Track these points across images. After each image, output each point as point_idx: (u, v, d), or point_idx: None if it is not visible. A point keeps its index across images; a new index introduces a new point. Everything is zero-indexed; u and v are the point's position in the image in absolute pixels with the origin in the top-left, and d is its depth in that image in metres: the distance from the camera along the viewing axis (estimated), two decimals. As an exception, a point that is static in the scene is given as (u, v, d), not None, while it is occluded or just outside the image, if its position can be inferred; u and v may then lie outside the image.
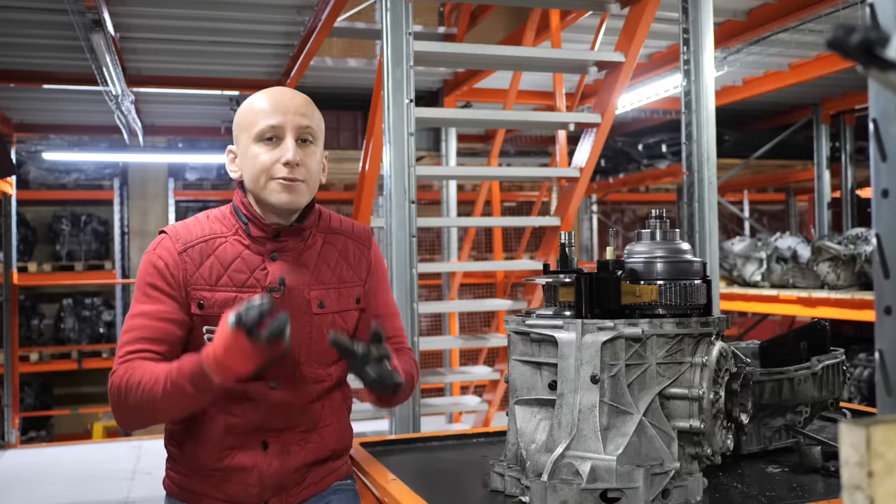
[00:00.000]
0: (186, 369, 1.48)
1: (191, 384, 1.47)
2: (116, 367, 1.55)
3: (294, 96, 1.66)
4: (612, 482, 1.40)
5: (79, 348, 8.92)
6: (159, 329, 1.57)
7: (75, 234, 9.35)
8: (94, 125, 7.35)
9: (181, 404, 1.52)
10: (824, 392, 1.88)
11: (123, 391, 1.52)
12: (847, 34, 0.57)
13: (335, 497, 1.70)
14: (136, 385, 1.51)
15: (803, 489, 1.55)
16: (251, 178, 1.63)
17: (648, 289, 1.53)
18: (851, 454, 0.65)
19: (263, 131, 1.61)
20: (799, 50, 5.30)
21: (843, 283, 4.82)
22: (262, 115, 1.62)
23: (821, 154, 6.82)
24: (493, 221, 5.20)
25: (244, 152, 1.65)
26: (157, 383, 1.49)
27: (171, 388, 1.48)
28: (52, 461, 5.82)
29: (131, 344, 1.56)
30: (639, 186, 9.70)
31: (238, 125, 1.67)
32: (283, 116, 1.62)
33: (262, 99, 1.66)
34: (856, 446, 0.64)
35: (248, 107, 1.67)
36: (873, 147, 0.90)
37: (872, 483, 0.63)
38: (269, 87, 1.72)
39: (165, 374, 1.49)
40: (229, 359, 1.44)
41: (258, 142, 1.62)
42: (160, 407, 1.51)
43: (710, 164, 3.06)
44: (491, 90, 6.18)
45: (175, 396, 1.49)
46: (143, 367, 1.53)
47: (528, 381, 1.56)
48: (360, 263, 1.74)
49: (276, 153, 1.61)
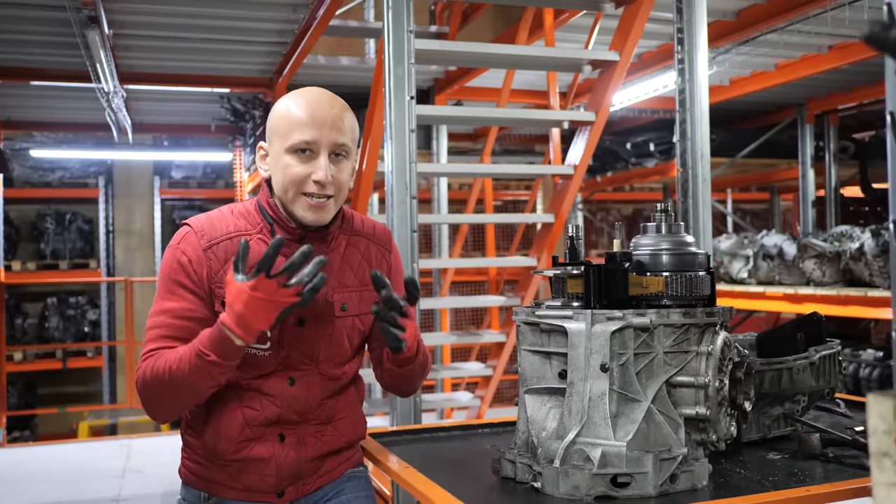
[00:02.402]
0: (206, 338, 1.49)
1: (214, 352, 1.47)
2: (141, 364, 1.56)
3: (332, 106, 1.62)
4: (622, 467, 1.44)
5: (63, 347, 8.86)
6: (183, 328, 1.57)
7: (60, 232, 9.28)
8: (80, 122, 7.30)
9: (209, 376, 1.50)
10: (821, 381, 1.93)
11: (150, 379, 1.53)
12: (885, 29, 0.60)
13: (349, 485, 1.73)
14: (163, 370, 1.51)
15: (804, 474, 1.59)
16: (280, 187, 1.61)
17: (655, 280, 1.57)
18: (879, 423, 0.68)
19: (297, 145, 1.58)
20: (786, 50, 5.39)
21: (828, 280, 4.91)
22: (297, 126, 1.58)
23: (805, 153, 6.93)
24: (490, 218, 5.25)
25: (276, 158, 1.62)
26: (182, 360, 1.49)
27: (197, 360, 1.48)
28: (40, 460, 5.78)
29: (155, 342, 1.57)
30: (624, 185, 9.79)
31: (272, 128, 1.63)
32: (319, 132, 1.58)
33: (299, 107, 1.60)
34: (883, 416, 0.68)
35: (284, 112, 1.62)
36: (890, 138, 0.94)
37: (900, 450, 0.66)
38: (306, 89, 1.65)
39: (188, 350, 1.50)
40: (251, 313, 1.43)
41: (291, 153, 1.59)
42: (189, 383, 1.51)
43: (704, 161, 3.12)
44: (482, 89, 6.22)
45: (202, 369, 1.49)
46: (166, 353, 1.54)
47: (538, 370, 1.60)
48: (381, 266, 1.75)
49: (308, 167, 1.59)
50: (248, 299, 1.43)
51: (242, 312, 1.44)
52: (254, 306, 1.43)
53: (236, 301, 1.44)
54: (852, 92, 6.60)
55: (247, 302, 1.43)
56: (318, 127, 1.58)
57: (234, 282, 1.44)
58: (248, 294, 1.43)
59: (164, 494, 4.80)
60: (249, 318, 1.45)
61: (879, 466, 0.69)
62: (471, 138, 8.13)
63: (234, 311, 1.45)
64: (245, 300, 1.43)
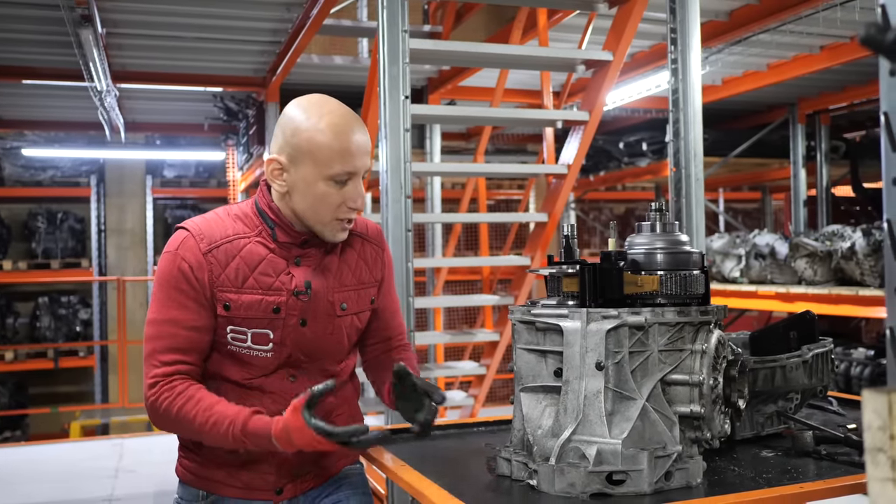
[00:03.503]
0: (252, 430, 1.52)
1: (252, 443, 1.53)
2: (157, 381, 1.56)
3: (363, 132, 1.62)
4: (617, 465, 1.45)
5: (55, 346, 8.83)
6: (190, 339, 1.58)
7: (51, 231, 9.24)
8: (72, 121, 7.28)
9: (235, 447, 1.57)
10: (814, 379, 1.95)
11: (173, 418, 1.56)
12: (880, 31, 0.61)
13: (346, 481, 1.74)
14: (191, 419, 1.54)
15: (797, 471, 1.61)
16: (313, 212, 1.61)
17: (650, 279, 1.58)
18: (874, 419, 0.69)
19: (339, 175, 1.58)
20: (778, 50, 5.42)
21: (819, 279, 4.94)
22: (340, 157, 1.57)
23: (797, 153, 6.96)
24: (483, 217, 5.26)
25: (309, 183, 1.59)
26: (217, 427, 1.53)
27: (231, 438, 1.53)
28: (31, 460, 5.76)
29: (164, 353, 1.57)
30: (617, 185, 9.81)
31: (305, 152, 1.58)
32: (360, 161, 1.60)
33: (342, 138, 1.58)
34: (878, 412, 0.69)
35: (324, 140, 1.57)
36: (884, 138, 0.95)
37: (894, 445, 0.67)
38: (331, 109, 1.61)
39: (228, 423, 1.52)
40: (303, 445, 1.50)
41: (329, 181, 1.58)
42: (211, 441, 1.57)
43: (697, 161, 3.13)
44: (475, 88, 6.23)
45: (233, 443, 1.54)
46: (197, 399, 1.55)
47: (534, 368, 1.61)
48: (376, 265, 1.77)
49: (342, 194, 1.60)
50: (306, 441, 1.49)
51: (296, 444, 1.50)
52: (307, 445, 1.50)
53: (296, 434, 1.48)
54: (844, 92, 6.63)
55: (304, 441, 1.49)
56: (359, 157, 1.60)
57: (302, 419, 1.47)
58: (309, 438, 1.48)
59: (156, 494, 4.79)
60: (299, 447, 1.51)
61: (874, 462, 0.70)
62: (464, 137, 8.14)
63: (289, 438, 1.49)
64: (303, 439, 1.49)
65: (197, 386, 1.57)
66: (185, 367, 1.58)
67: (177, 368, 1.57)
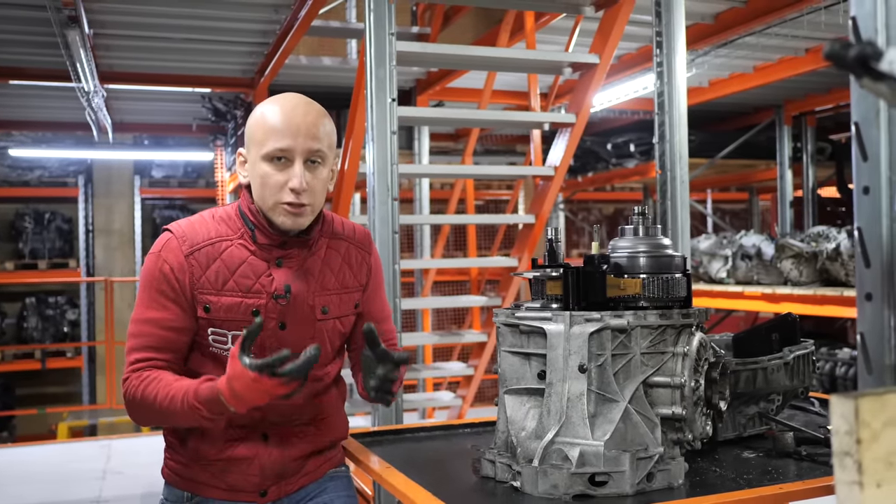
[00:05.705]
0: (203, 395, 1.51)
1: (206, 409, 1.52)
2: (128, 375, 1.60)
3: (307, 113, 1.62)
4: (599, 466, 1.46)
5: (42, 347, 8.78)
6: (166, 338, 1.60)
7: (39, 231, 9.20)
8: (60, 121, 7.25)
9: (196, 422, 1.56)
10: (795, 381, 1.97)
11: (139, 402, 1.57)
12: (844, 48, 0.63)
13: (331, 484, 1.75)
14: (153, 399, 1.55)
15: (777, 472, 1.63)
16: (257, 194, 1.63)
17: (632, 282, 1.59)
18: (841, 424, 0.71)
19: (272, 153, 1.59)
20: (764, 53, 5.46)
21: (805, 280, 4.98)
22: (272, 134, 1.59)
23: (783, 154, 7.01)
24: (471, 219, 5.27)
25: (253, 165, 1.63)
26: (174, 401, 1.53)
27: (188, 409, 1.52)
28: (19, 461, 5.74)
29: (139, 351, 1.60)
30: (605, 185, 9.85)
31: (249, 135, 1.64)
32: (294, 140, 1.59)
33: (275, 114, 1.61)
34: (845, 417, 0.70)
35: (260, 119, 1.62)
36: (855, 148, 0.96)
37: (860, 449, 0.69)
38: (283, 95, 1.65)
39: (182, 394, 1.53)
40: (248, 394, 1.46)
41: (267, 161, 1.60)
42: (176, 420, 1.57)
43: (683, 163, 3.16)
44: (463, 90, 6.25)
45: (191, 416, 1.54)
46: (158, 380, 1.56)
47: (518, 371, 1.62)
48: (361, 269, 1.77)
49: (283, 175, 1.60)
50: (248, 386, 1.45)
51: (241, 394, 1.47)
52: (252, 392, 1.46)
53: (237, 381, 1.46)
54: (829, 94, 6.69)
55: (246, 387, 1.45)
56: (292, 135, 1.59)
57: (239, 361, 1.44)
58: (249, 382, 1.44)
59: (144, 495, 4.78)
60: (246, 398, 1.48)
61: (842, 465, 0.72)
62: (452, 138, 8.15)
63: (233, 389, 1.47)
64: (245, 385, 1.45)
65: (163, 371, 1.59)
66: (159, 364, 1.60)
67: (150, 364, 1.60)
